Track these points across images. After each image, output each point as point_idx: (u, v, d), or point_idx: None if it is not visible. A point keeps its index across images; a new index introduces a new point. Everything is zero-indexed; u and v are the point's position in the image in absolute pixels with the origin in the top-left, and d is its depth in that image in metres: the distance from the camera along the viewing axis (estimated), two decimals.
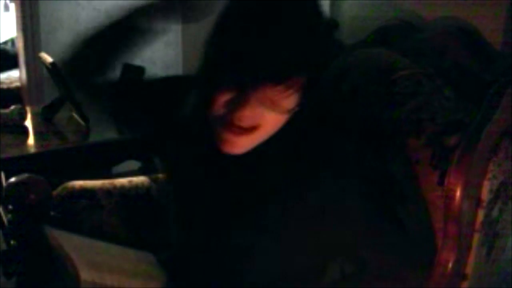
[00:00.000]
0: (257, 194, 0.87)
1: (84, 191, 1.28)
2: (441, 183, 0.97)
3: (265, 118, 0.78)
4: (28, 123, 2.03)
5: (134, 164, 2.24)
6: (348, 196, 0.90)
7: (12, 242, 1.18)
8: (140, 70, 2.23)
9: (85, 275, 0.95)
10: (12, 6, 3.76)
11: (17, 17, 2.74)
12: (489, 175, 0.95)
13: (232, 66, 0.75)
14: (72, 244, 1.04)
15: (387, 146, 1.09)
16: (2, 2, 4.31)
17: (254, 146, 0.82)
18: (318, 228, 0.88)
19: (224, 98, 0.78)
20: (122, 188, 1.33)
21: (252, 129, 0.79)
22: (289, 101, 0.78)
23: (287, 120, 0.81)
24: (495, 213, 0.99)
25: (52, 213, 1.21)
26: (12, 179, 1.19)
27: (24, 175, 1.19)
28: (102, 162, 2.00)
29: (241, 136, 0.79)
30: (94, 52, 1.05)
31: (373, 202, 0.92)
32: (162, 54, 2.98)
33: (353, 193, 0.90)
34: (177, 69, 3.03)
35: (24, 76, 2.81)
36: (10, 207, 1.18)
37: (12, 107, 2.00)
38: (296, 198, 0.86)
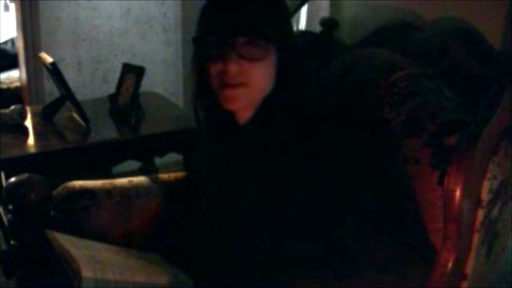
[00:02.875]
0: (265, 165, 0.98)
1: (84, 191, 1.28)
2: (441, 183, 0.97)
3: (250, 73, 0.98)
4: (28, 123, 2.03)
5: (134, 164, 2.25)
6: (347, 196, 0.90)
7: (12, 242, 1.18)
8: (140, 70, 2.24)
9: (87, 271, 0.95)
10: (12, 6, 3.76)
11: (17, 17, 2.74)
12: (489, 175, 0.95)
13: (211, 31, 0.98)
14: (73, 244, 1.04)
15: (387, 146, 1.09)
16: (2, 2, 4.31)
17: (249, 100, 1.01)
18: (316, 225, 0.88)
19: (215, 68, 0.99)
20: (122, 188, 1.33)
21: (242, 84, 0.98)
22: (262, 51, 0.98)
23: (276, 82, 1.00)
24: (495, 213, 0.99)
25: (52, 213, 1.21)
26: (12, 179, 1.19)
27: (24, 175, 1.19)
28: (102, 162, 2.00)
29: (236, 90, 0.99)
30: None
31: (372, 201, 0.92)
32: (162, 54, 2.98)
33: (352, 193, 0.90)
34: (177, 69, 3.03)
35: (24, 76, 2.81)
36: (10, 207, 1.18)
37: (12, 107, 2.00)
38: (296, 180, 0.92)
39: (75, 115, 2.07)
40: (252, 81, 0.99)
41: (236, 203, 1.04)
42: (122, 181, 1.36)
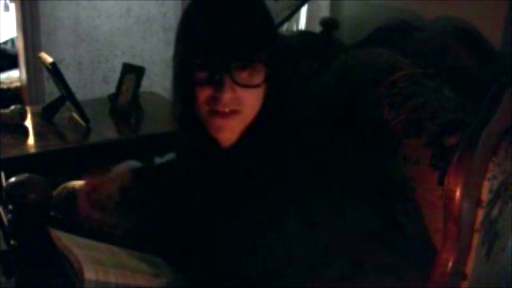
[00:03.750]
0: (256, 186, 0.92)
1: None
2: (441, 183, 0.97)
3: (244, 100, 0.90)
4: (28, 123, 2.03)
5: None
6: (346, 196, 0.90)
7: (12, 242, 1.18)
8: (140, 70, 2.24)
9: (89, 273, 0.95)
10: (12, 6, 3.76)
11: (17, 17, 2.74)
12: (489, 175, 0.95)
13: (203, 58, 0.88)
14: (75, 244, 1.04)
15: (387, 146, 1.09)
16: (2, 2, 4.31)
17: (241, 128, 0.93)
18: (315, 227, 0.88)
19: (204, 93, 0.89)
20: None
21: (235, 112, 0.90)
22: (258, 76, 0.90)
23: (264, 103, 0.92)
24: (495, 213, 0.99)
25: (52, 213, 1.21)
26: (12, 179, 1.19)
27: (24, 175, 1.19)
28: (102, 162, 2.00)
29: (228, 119, 0.90)
30: None
31: (372, 202, 0.92)
32: (162, 54, 2.98)
33: (352, 193, 0.90)
34: None
35: (24, 76, 2.81)
36: (10, 207, 1.18)
37: (12, 107, 2.00)
38: (292, 196, 0.88)
39: (75, 115, 2.07)
40: (245, 108, 0.91)
41: (222, 229, 0.96)
42: None
